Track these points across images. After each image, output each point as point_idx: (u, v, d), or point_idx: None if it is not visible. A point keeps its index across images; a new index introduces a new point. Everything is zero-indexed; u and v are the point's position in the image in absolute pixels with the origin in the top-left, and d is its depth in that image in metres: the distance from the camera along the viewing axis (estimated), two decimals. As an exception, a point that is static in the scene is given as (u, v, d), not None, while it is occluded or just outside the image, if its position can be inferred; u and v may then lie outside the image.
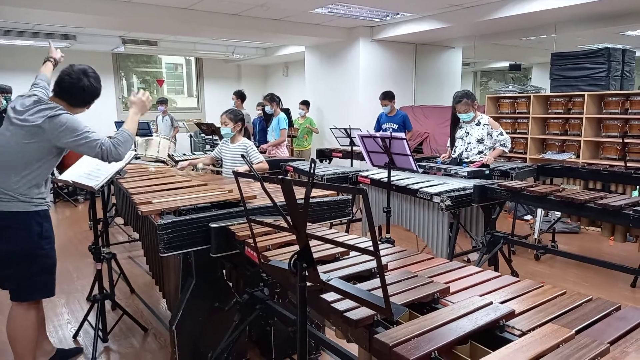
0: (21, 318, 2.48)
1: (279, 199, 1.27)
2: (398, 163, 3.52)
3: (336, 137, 6.52)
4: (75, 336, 3.16)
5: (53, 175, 2.67)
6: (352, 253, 1.87)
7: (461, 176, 4.13)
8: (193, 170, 4.19)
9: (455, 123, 4.53)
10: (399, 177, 4.00)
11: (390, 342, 1.18)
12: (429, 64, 8.47)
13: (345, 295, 1.30)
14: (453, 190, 3.50)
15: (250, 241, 1.96)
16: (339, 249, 1.87)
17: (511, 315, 1.34)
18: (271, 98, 6.43)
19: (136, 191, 2.94)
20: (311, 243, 1.30)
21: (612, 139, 5.70)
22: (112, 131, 7.15)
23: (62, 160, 2.56)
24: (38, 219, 2.42)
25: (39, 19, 6.27)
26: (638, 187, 4.49)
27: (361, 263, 1.76)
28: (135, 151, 4.98)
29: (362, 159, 5.76)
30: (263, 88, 11.58)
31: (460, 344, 1.23)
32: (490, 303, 1.39)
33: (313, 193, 2.02)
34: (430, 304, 1.47)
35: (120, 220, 5.60)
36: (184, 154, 5.86)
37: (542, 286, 1.57)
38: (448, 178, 4.08)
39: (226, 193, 2.81)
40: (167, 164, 5.15)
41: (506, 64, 10.12)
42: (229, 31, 7.09)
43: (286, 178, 1.20)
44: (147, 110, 2.73)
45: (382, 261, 1.12)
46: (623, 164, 4.64)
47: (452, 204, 3.42)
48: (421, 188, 3.61)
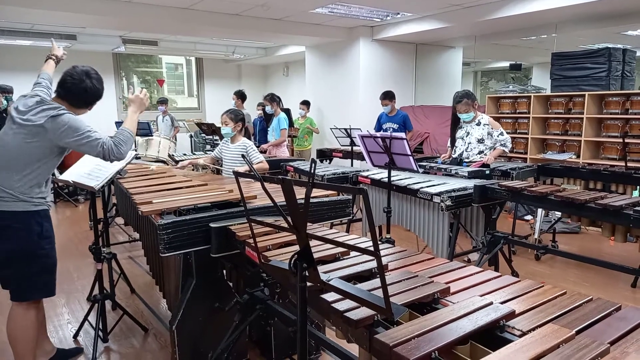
0: (21, 318, 2.48)
1: (279, 199, 1.27)
2: (398, 163, 3.52)
3: (336, 137, 6.52)
4: (75, 336, 3.16)
5: (54, 175, 2.67)
6: (353, 253, 1.87)
7: (461, 176, 4.13)
8: (193, 169, 4.19)
9: (455, 123, 4.53)
10: (400, 177, 4.00)
11: (390, 342, 1.18)
12: (430, 64, 8.46)
13: (345, 295, 1.30)
14: (453, 190, 3.50)
15: (250, 241, 1.96)
16: (339, 249, 1.87)
17: (511, 315, 1.34)
18: (271, 98, 6.43)
19: (136, 191, 2.94)
20: (311, 243, 1.30)
21: (613, 139, 5.70)
22: (113, 131, 7.08)
23: (63, 160, 2.56)
24: (38, 219, 2.42)
25: (39, 19, 6.28)
26: (638, 187, 4.48)
27: (361, 263, 1.76)
28: (135, 151, 4.98)
29: (363, 159, 5.76)
30: (263, 88, 11.58)
31: (460, 344, 1.23)
32: (490, 303, 1.39)
33: (313, 193, 2.02)
34: (430, 304, 1.47)
35: (120, 220, 5.61)
36: (185, 154, 5.85)
37: (543, 286, 1.57)
38: (448, 178, 4.08)
39: (226, 193, 2.81)
40: (168, 164, 5.15)
41: (506, 64, 10.09)
42: (229, 31, 7.10)
43: (286, 178, 1.20)
44: (146, 107, 2.72)
45: (383, 261, 1.12)
46: (623, 164, 4.63)
47: (453, 204, 3.42)
48: (421, 188, 3.61)
